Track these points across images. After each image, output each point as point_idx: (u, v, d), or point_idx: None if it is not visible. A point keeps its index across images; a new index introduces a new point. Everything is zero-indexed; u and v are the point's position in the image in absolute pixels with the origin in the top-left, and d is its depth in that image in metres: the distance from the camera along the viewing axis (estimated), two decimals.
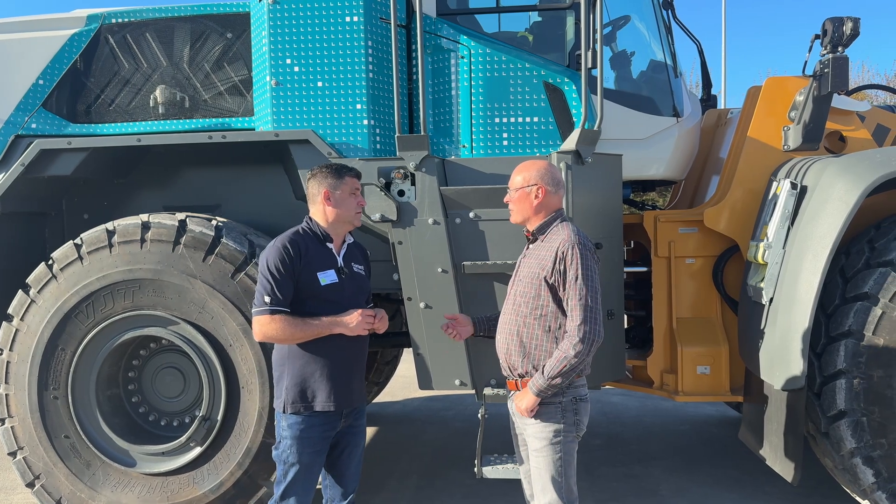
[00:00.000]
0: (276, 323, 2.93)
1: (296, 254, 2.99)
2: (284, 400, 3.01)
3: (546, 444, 2.89)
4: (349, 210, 3.11)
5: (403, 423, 6.72)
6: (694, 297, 4.54)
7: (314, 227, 3.12)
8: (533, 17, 4.63)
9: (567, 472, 2.90)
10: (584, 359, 2.77)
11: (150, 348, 4.26)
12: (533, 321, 2.90)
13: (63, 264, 4.08)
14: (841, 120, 4.41)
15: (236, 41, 4.36)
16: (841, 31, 3.89)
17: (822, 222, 3.62)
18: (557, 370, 2.77)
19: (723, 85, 18.78)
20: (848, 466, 3.73)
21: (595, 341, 2.78)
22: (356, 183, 3.16)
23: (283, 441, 3.02)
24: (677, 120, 4.54)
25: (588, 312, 2.77)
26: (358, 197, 3.16)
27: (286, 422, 3.01)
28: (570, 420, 2.90)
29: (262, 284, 2.97)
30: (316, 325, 2.95)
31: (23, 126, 4.44)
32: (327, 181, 3.09)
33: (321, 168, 3.14)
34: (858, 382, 3.64)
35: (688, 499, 4.67)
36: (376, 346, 5.79)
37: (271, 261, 2.97)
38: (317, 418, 3.01)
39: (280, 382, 3.05)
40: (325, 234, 3.11)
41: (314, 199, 3.13)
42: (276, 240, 3.06)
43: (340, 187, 3.09)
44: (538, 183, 2.96)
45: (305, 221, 3.16)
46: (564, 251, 2.81)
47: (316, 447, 3.03)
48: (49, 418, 4.12)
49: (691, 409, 6.82)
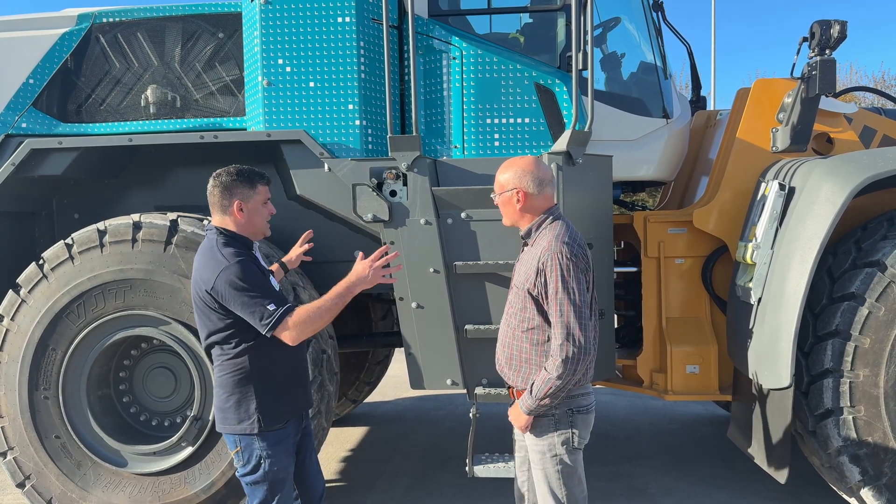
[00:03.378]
0: (300, 315, 2.72)
1: (256, 262, 2.84)
2: (258, 420, 2.84)
3: (542, 457, 2.81)
4: (262, 220, 2.95)
5: (394, 422, 6.73)
6: (683, 296, 4.57)
7: (233, 235, 2.88)
8: (524, 18, 4.65)
9: (569, 482, 2.79)
10: (571, 379, 2.63)
11: (142, 348, 4.25)
12: (521, 334, 2.79)
13: (54, 264, 4.07)
14: (828, 122, 4.45)
15: (228, 41, 4.36)
16: (829, 34, 3.93)
17: (810, 223, 3.66)
18: (543, 391, 2.65)
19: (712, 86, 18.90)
20: (835, 465, 3.77)
21: (581, 360, 2.61)
22: (267, 192, 2.97)
23: (265, 461, 2.87)
24: (667, 121, 4.58)
25: (570, 330, 2.61)
26: (270, 206, 2.98)
27: (264, 442, 2.87)
28: (566, 433, 2.77)
29: (250, 298, 2.72)
30: (337, 297, 2.77)
31: (13, 125, 4.42)
32: (239, 191, 2.87)
33: (229, 174, 2.89)
34: (845, 381, 3.67)
35: (677, 497, 4.70)
36: (368, 345, 5.81)
37: (241, 274, 2.73)
38: (290, 429, 2.98)
39: (243, 405, 2.85)
40: (246, 239, 2.92)
41: (223, 209, 2.90)
42: (220, 256, 2.79)
43: (253, 197, 2.90)
44: (517, 186, 2.80)
45: (219, 233, 2.89)
46: (544, 262, 2.66)
47: (293, 457, 3.02)
48: (40, 418, 4.10)
49: (681, 409, 6.87)
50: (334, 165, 3.96)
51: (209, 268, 2.79)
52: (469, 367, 3.96)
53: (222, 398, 2.91)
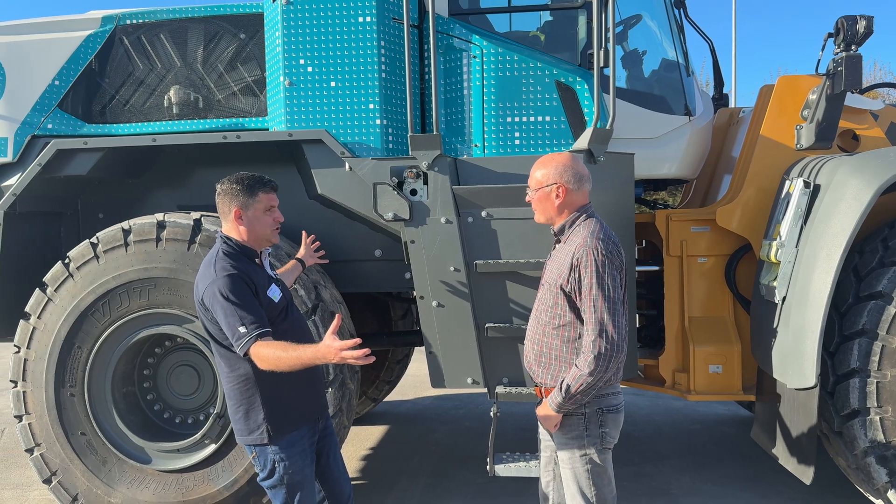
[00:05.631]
0: (268, 348, 2.62)
1: (245, 276, 2.76)
2: (266, 430, 2.84)
3: (571, 457, 2.78)
4: (264, 229, 2.89)
5: (414, 421, 6.74)
6: (706, 296, 4.54)
7: (235, 246, 2.86)
8: (545, 16, 4.64)
9: (598, 482, 2.76)
10: (602, 376, 2.61)
11: (165, 346, 4.30)
12: (552, 331, 2.77)
13: (79, 263, 4.13)
14: (854, 118, 4.39)
15: (249, 42, 4.39)
16: (854, 29, 3.88)
17: (836, 221, 3.61)
18: (574, 388, 2.63)
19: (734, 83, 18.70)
20: (861, 466, 3.72)
21: (613, 357, 2.60)
22: (272, 199, 2.92)
23: (280, 465, 2.88)
24: (689, 119, 4.54)
25: (603, 326, 2.59)
26: (275, 212, 2.92)
27: (275, 447, 2.87)
28: (595, 433, 2.75)
29: (231, 315, 2.65)
30: (297, 360, 2.59)
31: (39, 126, 4.49)
32: (238, 199, 2.84)
33: (231, 182, 2.87)
34: (872, 381, 3.62)
35: (699, 498, 4.67)
36: (388, 344, 5.82)
37: (226, 288, 2.68)
38: (304, 431, 2.97)
39: (252, 415, 2.85)
40: (249, 249, 2.89)
41: (224, 217, 2.90)
42: (212, 268, 2.76)
43: (253, 206, 2.85)
44: (557, 181, 2.78)
45: (223, 241, 2.88)
46: (579, 257, 2.65)
47: (311, 458, 3.02)
48: (66, 415, 4.16)
49: (703, 409, 6.81)
50: (355, 165, 3.98)
51: (203, 279, 2.80)
52: (489, 366, 3.96)
53: (232, 409, 2.91)
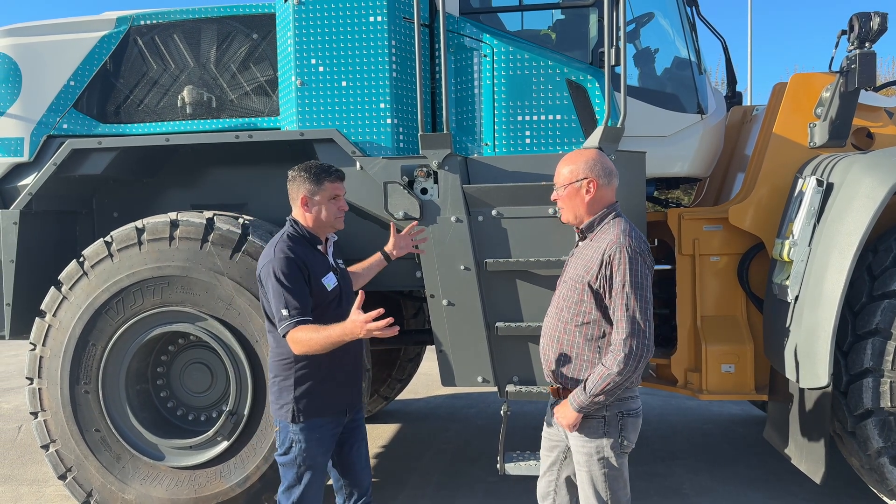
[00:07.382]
0: (302, 331, 2.76)
1: (301, 261, 2.87)
2: (293, 409, 2.92)
3: (588, 459, 2.74)
4: (329, 216, 3.01)
5: (426, 419, 6.76)
6: (718, 295, 4.51)
7: (301, 231, 3.01)
8: (556, 14, 4.63)
9: (614, 486, 2.73)
10: (630, 376, 2.57)
11: (179, 344, 4.34)
12: (574, 328, 2.72)
13: (94, 261, 4.17)
14: (868, 116, 4.36)
15: (262, 42, 4.42)
16: (868, 26, 3.84)
17: (849, 219, 3.58)
18: (600, 388, 2.58)
19: (748, 82, 18.58)
20: (875, 466, 3.69)
21: (644, 357, 2.56)
22: (338, 188, 3.03)
23: (297, 445, 2.94)
24: (702, 117, 4.52)
25: (635, 326, 2.55)
26: (340, 201, 3.03)
27: (297, 427, 2.94)
28: (615, 436, 2.70)
29: (279, 297, 2.81)
30: (327, 341, 2.75)
31: (54, 126, 4.55)
32: (305, 186, 2.98)
33: (301, 170, 3.01)
34: (886, 381, 3.60)
35: (712, 498, 4.65)
36: (399, 343, 5.84)
37: (280, 270, 2.82)
38: (327, 421, 3.00)
39: (284, 392, 2.96)
40: (313, 236, 3.02)
41: (293, 202, 3.04)
42: (273, 248, 2.91)
43: (319, 193, 2.98)
44: (588, 176, 2.72)
45: (290, 225, 3.03)
46: (612, 254, 2.59)
47: (328, 448, 3.04)
48: (80, 412, 4.21)
49: (715, 408, 6.78)
50: (366, 164, 3.99)
51: (264, 256, 2.96)
52: (500, 365, 3.96)
53: (271, 380, 3.04)
